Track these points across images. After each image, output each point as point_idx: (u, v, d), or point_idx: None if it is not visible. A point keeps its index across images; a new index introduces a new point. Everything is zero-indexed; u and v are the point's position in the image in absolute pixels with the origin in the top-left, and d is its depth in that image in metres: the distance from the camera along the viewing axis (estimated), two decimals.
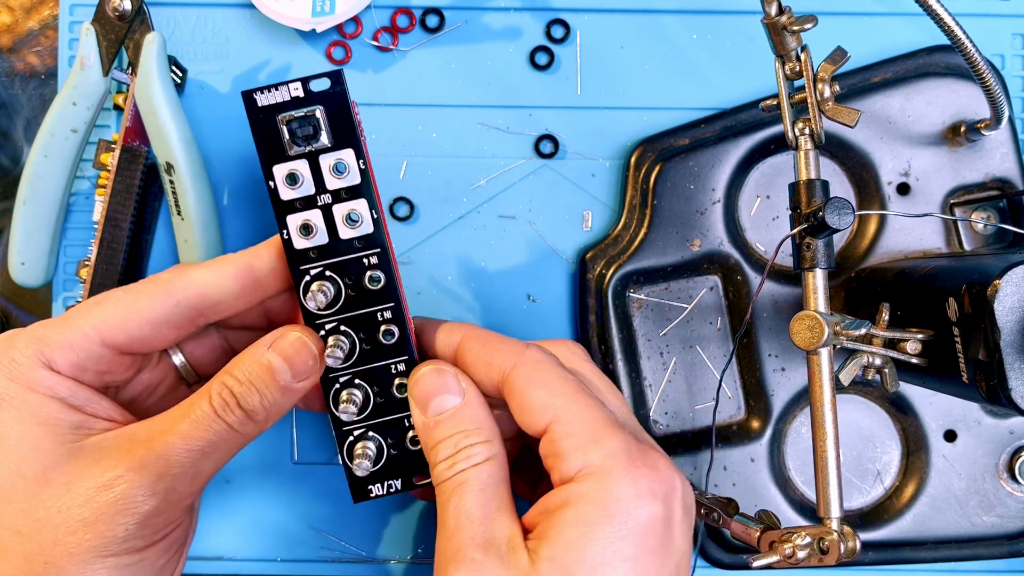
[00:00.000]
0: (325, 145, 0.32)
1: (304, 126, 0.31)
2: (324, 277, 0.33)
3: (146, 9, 0.40)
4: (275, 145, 0.32)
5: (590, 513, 0.29)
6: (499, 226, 0.43)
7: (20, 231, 0.41)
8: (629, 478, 0.29)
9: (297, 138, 0.32)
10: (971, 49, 0.34)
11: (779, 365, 0.42)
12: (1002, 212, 0.42)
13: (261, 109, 0.32)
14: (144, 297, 0.31)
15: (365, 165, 0.32)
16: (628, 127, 0.43)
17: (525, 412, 0.31)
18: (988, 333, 0.31)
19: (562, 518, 0.29)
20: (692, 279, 0.42)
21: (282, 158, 0.32)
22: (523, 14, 0.43)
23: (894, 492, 0.42)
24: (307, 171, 0.32)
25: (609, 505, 0.29)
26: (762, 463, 0.41)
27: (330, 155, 0.32)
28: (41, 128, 0.40)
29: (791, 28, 0.33)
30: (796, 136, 0.34)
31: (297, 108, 0.31)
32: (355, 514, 0.43)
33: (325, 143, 0.32)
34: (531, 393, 0.31)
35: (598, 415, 0.31)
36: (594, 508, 0.29)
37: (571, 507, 0.29)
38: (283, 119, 0.31)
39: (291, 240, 0.32)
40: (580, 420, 0.30)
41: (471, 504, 0.30)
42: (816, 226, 0.32)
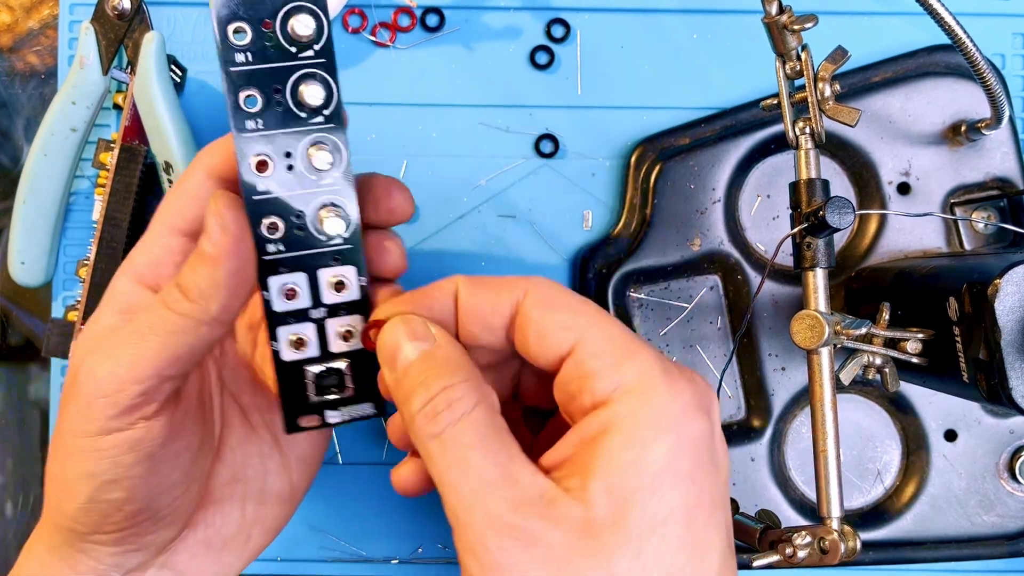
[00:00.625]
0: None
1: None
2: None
3: (145, 8, 0.40)
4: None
5: (640, 433, 0.26)
6: (499, 226, 0.43)
7: (20, 230, 0.41)
8: (672, 391, 0.27)
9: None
10: (971, 49, 0.33)
11: (779, 365, 0.42)
12: (1002, 212, 0.42)
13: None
14: (185, 181, 0.31)
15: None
16: (628, 127, 0.43)
17: (545, 338, 0.28)
18: (988, 332, 0.31)
19: (610, 443, 0.26)
20: (692, 279, 0.42)
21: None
22: (523, 14, 0.43)
23: (894, 492, 0.42)
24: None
25: (659, 421, 0.26)
26: (762, 462, 0.41)
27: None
28: (41, 127, 0.40)
29: (791, 27, 0.33)
30: (796, 135, 0.34)
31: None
32: (355, 514, 0.43)
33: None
34: (550, 316, 0.29)
35: (624, 331, 0.28)
36: (644, 426, 0.26)
37: (618, 430, 0.26)
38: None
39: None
40: (607, 337, 0.28)
41: (479, 463, 0.27)
42: (816, 225, 0.32)
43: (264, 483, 0.35)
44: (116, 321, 0.30)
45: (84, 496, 0.29)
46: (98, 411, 0.28)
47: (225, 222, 0.28)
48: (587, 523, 0.26)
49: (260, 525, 0.35)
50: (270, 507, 0.35)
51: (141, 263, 0.31)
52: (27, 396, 0.44)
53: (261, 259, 0.30)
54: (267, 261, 0.30)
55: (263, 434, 0.35)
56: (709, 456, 0.27)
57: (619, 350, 0.28)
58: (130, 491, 0.29)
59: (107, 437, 0.29)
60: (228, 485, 0.34)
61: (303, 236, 0.30)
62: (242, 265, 0.29)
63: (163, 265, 0.31)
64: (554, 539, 0.26)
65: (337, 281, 0.31)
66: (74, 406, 0.29)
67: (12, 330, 0.44)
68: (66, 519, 0.30)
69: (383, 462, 0.43)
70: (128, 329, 0.29)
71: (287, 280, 0.31)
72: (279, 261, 0.30)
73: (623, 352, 0.28)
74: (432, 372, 0.28)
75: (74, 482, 0.29)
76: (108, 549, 0.31)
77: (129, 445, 0.29)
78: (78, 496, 0.29)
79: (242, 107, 0.29)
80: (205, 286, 0.28)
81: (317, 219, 0.30)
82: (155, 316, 0.29)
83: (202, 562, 0.34)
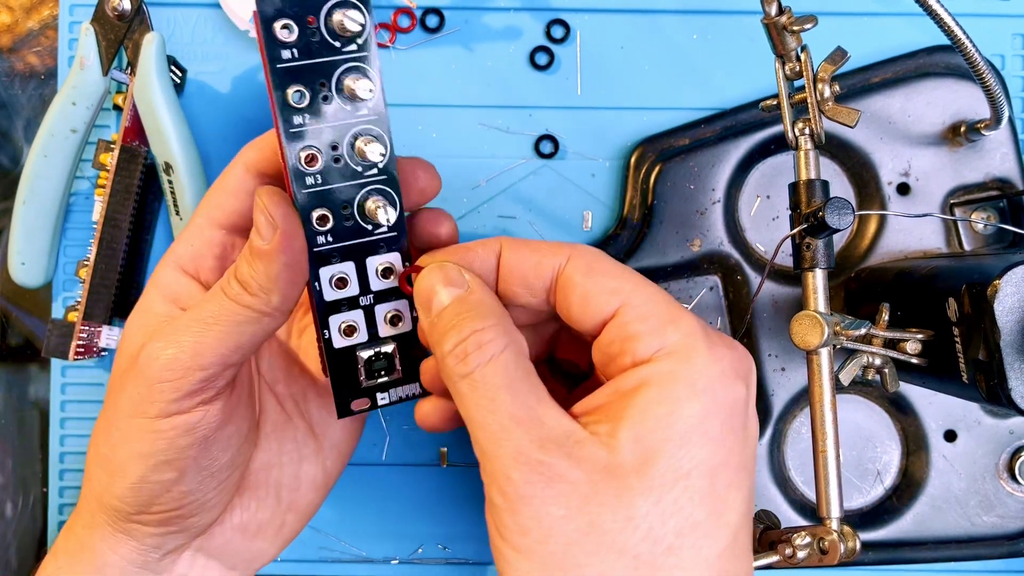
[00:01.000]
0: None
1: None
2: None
3: (145, 9, 0.40)
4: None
5: (677, 390, 0.27)
6: (499, 226, 0.43)
7: (20, 231, 0.41)
8: (713, 356, 0.28)
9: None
10: (971, 49, 0.33)
11: (779, 365, 0.42)
12: (1002, 212, 0.42)
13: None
14: (227, 176, 0.33)
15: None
16: (628, 127, 0.43)
17: (589, 301, 0.29)
18: (988, 333, 0.31)
19: (645, 396, 0.27)
20: (692, 279, 0.42)
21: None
22: (523, 14, 0.43)
23: (894, 492, 0.42)
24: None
25: (697, 382, 0.27)
26: (762, 463, 0.41)
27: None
28: (41, 128, 0.40)
29: (791, 28, 0.33)
30: (796, 136, 0.34)
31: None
32: (355, 514, 0.43)
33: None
34: (595, 280, 0.29)
35: (668, 299, 0.29)
36: (681, 385, 0.27)
37: (655, 385, 0.27)
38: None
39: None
40: (652, 303, 0.28)
41: (507, 402, 0.27)
42: (816, 226, 0.32)
43: (299, 469, 0.36)
44: (168, 309, 0.32)
45: (136, 476, 0.30)
46: (160, 395, 0.30)
47: (275, 218, 0.29)
48: (611, 466, 0.27)
49: (294, 511, 0.36)
50: (304, 493, 0.36)
51: (184, 254, 0.33)
52: (27, 396, 0.44)
53: (312, 251, 0.31)
54: (318, 252, 0.31)
55: (298, 422, 0.36)
56: (741, 422, 0.28)
57: (664, 315, 0.28)
58: (181, 472, 0.31)
59: (166, 419, 0.30)
60: (264, 471, 0.35)
61: (351, 226, 0.31)
62: (297, 258, 0.30)
63: (204, 257, 0.33)
64: (576, 477, 0.27)
65: (385, 268, 0.32)
66: (134, 389, 0.30)
67: (12, 330, 0.44)
68: (113, 499, 0.31)
69: (383, 463, 0.43)
70: (190, 318, 0.30)
71: (337, 270, 0.32)
72: (330, 252, 0.31)
73: (667, 317, 0.28)
74: (464, 315, 0.29)
75: (126, 462, 0.30)
76: (151, 530, 0.32)
77: (186, 428, 0.30)
78: (130, 475, 0.31)
79: (290, 103, 0.29)
80: (263, 280, 0.29)
81: (364, 209, 0.31)
82: (218, 306, 0.30)
83: (236, 547, 0.35)
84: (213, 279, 0.33)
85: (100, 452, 0.32)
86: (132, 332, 0.32)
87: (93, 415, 0.43)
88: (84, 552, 0.33)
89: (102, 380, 0.43)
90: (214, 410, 0.31)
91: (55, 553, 0.34)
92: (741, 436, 0.28)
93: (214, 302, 0.30)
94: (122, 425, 0.30)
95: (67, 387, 0.43)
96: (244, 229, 0.34)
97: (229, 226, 0.33)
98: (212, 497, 0.32)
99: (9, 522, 0.44)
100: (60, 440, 0.43)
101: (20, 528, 0.44)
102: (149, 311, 0.32)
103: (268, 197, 0.29)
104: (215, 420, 0.31)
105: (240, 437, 0.33)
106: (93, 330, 0.41)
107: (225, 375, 0.30)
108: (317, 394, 0.37)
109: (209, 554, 0.34)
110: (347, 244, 0.31)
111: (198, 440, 0.30)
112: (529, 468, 0.27)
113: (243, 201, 0.33)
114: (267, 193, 0.30)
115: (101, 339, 0.41)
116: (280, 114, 0.29)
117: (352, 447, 0.38)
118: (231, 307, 0.30)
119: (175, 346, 0.29)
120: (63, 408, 0.43)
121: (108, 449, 0.31)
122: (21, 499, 0.44)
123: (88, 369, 0.43)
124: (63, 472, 0.43)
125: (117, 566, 0.32)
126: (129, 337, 0.32)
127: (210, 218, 0.33)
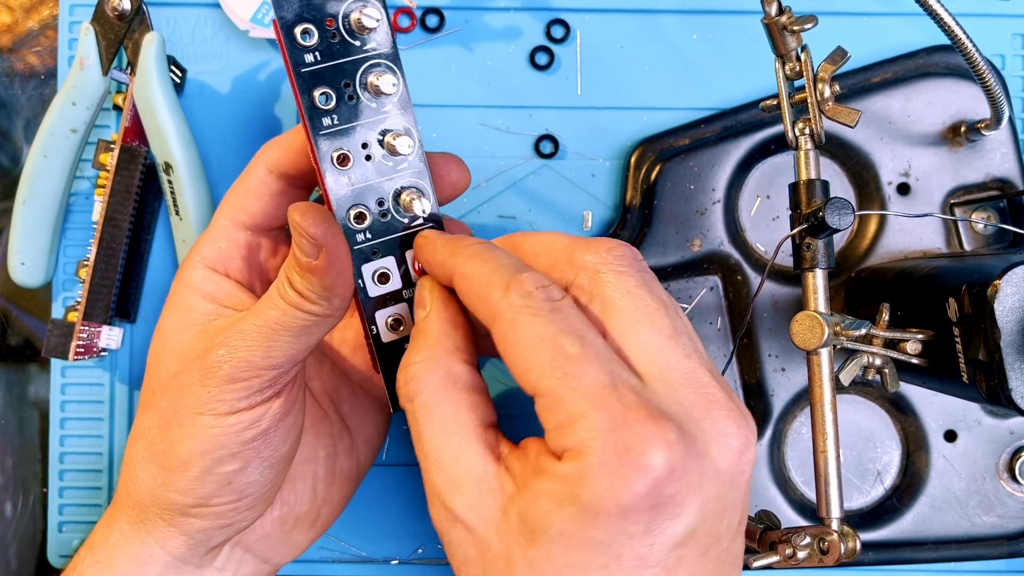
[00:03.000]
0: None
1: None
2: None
3: (145, 9, 0.40)
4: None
5: (561, 494, 0.25)
6: (499, 226, 0.43)
7: (20, 231, 0.41)
8: (606, 471, 0.24)
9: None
10: (971, 49, 0.33)
11: (779, 365, 0.42)
12: (1002, 212, 0.42)
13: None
14: (248, 176, 0.33)
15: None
16: (628, 127, 0.43)
17: (513, 373, 0.27)
18: (988, 333, 0.31)
19: (542, 486, 0.26)
20: (692, 279, 0.42)
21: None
22: (523, 14, 0.43)
23: (894, 492, 0.42)
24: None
25: (580, 495, 0.25)
26: (762, 463, 0.41)
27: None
28: (40, 128, 0.40)
29: (791, 28, 0.33)
30: (796, 136, 0.34)
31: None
32: (355, 514, 0.43)
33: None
34: (508, 357, 0.27)
35: (584, 384, 0.25)
36: (566, 493, 0.25)
37: (547, 478, 0.26)
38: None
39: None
40: (557, 393, 0.26)
41: (428, 443, 0.28)
42: (816, 226, 0.32)
43: (334, 463, 0.37)
44: (211, 307, 0.33)
45: (201, 468, 0.31)
46: (233, 393, 0.30)
47: (317, 238, 0.29)
48: (501, 531, 0.27)
49: (329, 504, 0.37)
50: (339, 486, 0.37)
51: (211, 255, 0.34)
52: (27, 396, 0.44)
53: (352, 249, 0.31)
54: (358, 250, 0.32)
55: (333, 417, 0.37)
56: (635, 563, 0.25)
57: (566, 411, 0.25)
58: (245, 463, 0.32)
59: (234, 415, 0.31)
60: (302, 465, 0.36)
61: (388, 221, 0.32)
62: (345, 265, 0.30)
63: (232, 259, 0.34)
64: (474, 527, 0.27)
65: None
66: (203, 388, 0.31)
67: (12, 330, 0.44)
68: (173, 492, 0.32)
69: (383, 463, 0.43)
70: (255, 325, 0.31)
71: (378, 265, 0.32)
72: (370, 248, 0.32)
73: (567, 416, 0.25)
74: (414, 343, 0.30)
75: (190, 456, 0.31)
76: (205, 524, 0.33)
77: (251, 421, 0.31)
78: (194, 468, 0.31)
79: (318, 105, 0.30)
80: (319, 290, 0.30)
81: (399, 202, 0.32)
82: (282, 313, 0.30)
83: (273, 540, 0.36)
84: (244, 278, 0.34)
85: (155, 449, 0.32)
86: (175, 331, 0.33)
87: (93, 415, 0.43)
88: (126, 546, 0.33)
89: (102, 380, 0.43)
90: (277, 403, 0.32)
91: (91, 547, 0.34)
92: (635, 543, 0.25)
93: (276, 308, 0.30)
94: (186, 422, 0.31)
95: (67, 387, 0.43)
96: (269, 229, 0.34)
97: (254, 227, 0.34)
98: (268, 488, 0.33)
99: (9, 522, 0.44)
100: (60, 440, 0.43)
101: (20, 528, 0.44)
102: (192, 310, 0.33)
103: (303, 217, 0.29)
104: (279, 412, 0.32)
105: (298, 427, 0.33)
106: (93, 330, 0.41)
107: (292, 371, 0.31)
108: (350, 390, 0.38)
109: (246, 548, 0.35)
110: (386, 239, 0.32)
111: (262, 432, 0.31)
112: (440, 505, 0.28)
113: (267, 202, 0.33)
114: (301, 213, 0.29)
115: (101, 339, 0.41)
116: (309, 118, 0.30)
117: (382, 441, 0.39)
118: (294, 314, 0.30)
119: (246, 349, 0.30)
120: (63, 408, 0.43)
121: (166, 445, 0.32)
122: (21, 499, 0.44)
123: (88, 369, 0.43)
124: (63, 472, 0.43)
125: (160, 562, 0.33)
126: (172, 337, 0.33)
127: (234, 219, 0.34)
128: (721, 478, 0.26)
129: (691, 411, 0.26)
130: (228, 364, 0.30)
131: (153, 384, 0.33)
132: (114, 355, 0.43)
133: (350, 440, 0.37)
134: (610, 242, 0.29)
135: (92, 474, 0.43)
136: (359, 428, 0.38)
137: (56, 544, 0.43)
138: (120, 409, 0.43)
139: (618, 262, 0.28)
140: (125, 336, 0.43)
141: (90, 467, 0.43)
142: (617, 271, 0.28)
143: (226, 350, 0.30)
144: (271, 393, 0.31)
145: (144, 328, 0.43)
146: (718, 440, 0.26)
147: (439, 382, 0.29)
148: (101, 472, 0.43)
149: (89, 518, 0.43)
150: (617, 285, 0.28)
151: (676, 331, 0.27)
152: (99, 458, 0.43)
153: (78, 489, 0.43)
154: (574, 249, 0.29)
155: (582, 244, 0.29)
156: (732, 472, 0.26)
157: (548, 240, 0.30)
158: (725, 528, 0.26)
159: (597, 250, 0.29)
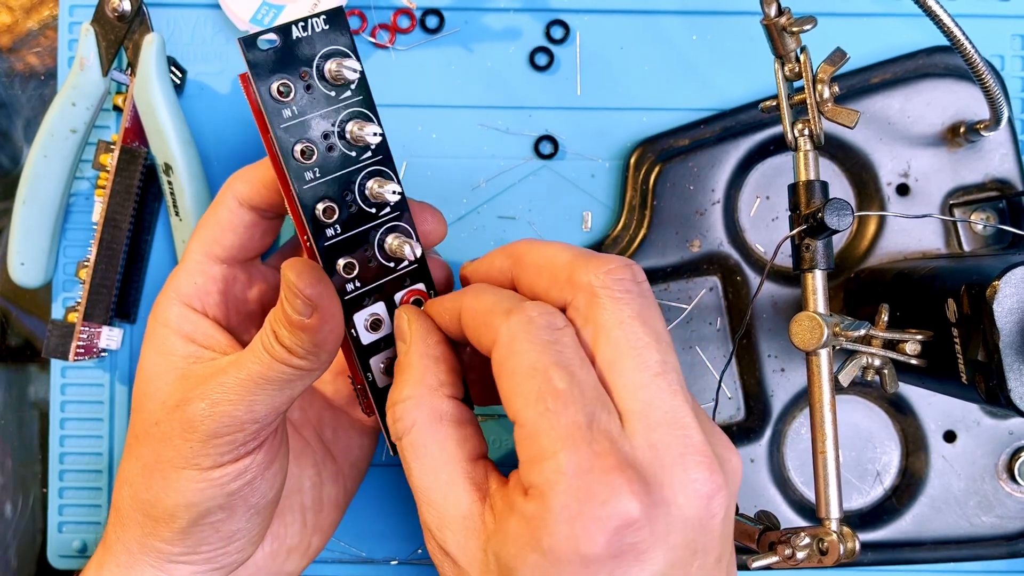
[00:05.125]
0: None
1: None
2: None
3: (145, 10, 0.40)
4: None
5: (524, 536, 0.26)
6: (499, 227, 0.43)
7: (20, 231, 0.41)
8: (566, 516, 0.24)
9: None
10: (970, 50, 0.34)
11: (779, 366, 0.42)
12: (1001, 213, 0.42)
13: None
14: (218, 209, 0.33)
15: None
16: (628, 127, 0.43)
17: (504, 403, 0.28)
18: (987, 334, 0.31)
19: (511, 525, 0.26)
20: (692, 279, 0.42)
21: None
22: (523, 15, 0.43)
23: (894, 492, 0.42)
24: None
25: (542, 542, 0.25)
26: (761, 463, 0.41)
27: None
28: (40, 128, 0.40)
29: (790, 29, 0.33)
30: (795, 137, 0.34)
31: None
32: (355, 514, 0.43)
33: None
34: (500, 381, 0.27)
35: (561, 422, 0.25)
36: (528, 538, 0.25)
37: (515, 518, 0.26)
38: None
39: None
40: (535, 426, 0.26)
41: (418, 481, 0.29)
42: (815, 227, 0.32)
43: (321, 492, 0.36)
44: (191, 349, 0.32)
45: (186, 521, 0.31)
46: (215, 448, 0.30)
47: (312, 298, 0.29)
48: (483, 570, 0.27)
49: (319, 532, 0.37)
50: (327, 514, 0.37)
51: (187, 291, 0.33)
52: (27, 397, 0.44)
53: (343, 299, 0.31)
54: (349, 300, 0.31)
55: (315, 446, 0.37)
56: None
57: (537, 447, 0.26)
58: (231, 512, 0.31)
59: (218, 469, 0.31)
60: (288, 498, 0.35)
61: (375, 267, 0.31)
62: (338, 322, 0.30)
63: (209, 293, 0.33)
64: (462, 562, 0.28)
65: (415, 300, 0.33)
66: (185, 443, 0.30)
67: (12, 330, 0.44)
68: (160, 542, 0.32)
69: (383, 463, 0.43)
70: (238, 378, 0.30)
71: (369, 312, 0.32)
72: (360, 296, 0.32)
73: (538, 452, 0.26)
74: (398, 379, 0.30)
75: (175, 509, 0.31)
76: (193, 569, 0.32)
77: (237, 474, 0.31)
78: (179, 521, 0.31)
79: (299, 160, 0.29)
80: (309, 346, 0.29)
81: (387, 248, 0.31)
82: (267, 367, 0.30)
83: (266, 573, 0.35)
84: (220, 313, 0.34)
85: (141, 498, 0.32)
86: (156, 374, 0.32)
87: (93, 415, 0.43)
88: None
89: (102, 381, 0.43)
90: (262, 453, 0.31)
91: None
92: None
93: (260, 363, 0.30)
94: (169, 475, 0.31)
95: (67, 387, 0.43)
96: (243, 261, 0.34)
97: (228, 259, 0.34)
98: (257, 531, 0.33)
99: (9, 522, 0.44)
100: (60, 440, 0.43)
101: (20, 528, 0.44)
102: (172, 353, 0.32)
103: (299, 278, 0.29)
104: (264, 461, 0.31)
105: (284, 471, 0.33)
106: (93, 330, 0.41)
107: (275, 423, 0.31)
108: (332, 415, 0.37)
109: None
110: (375, 285, 0.32)
111: (248, 483, 0.31)
112: (432, 539, 0.28)
113: (240, 235, 0.33)
114: (297, 273, 0.29)
115: (101, 339, 0.41)
116: (292, 173, 0.29)
117: (368, 463, 0.39)
118: (280, 368, 0.30)
119: (228, 403, 0.30)
120: (63, 408, 0.43)
121: (151, 496, 0.31)
122: (21, 499, 0.44)
123: (88, 369, 0.43)
124: (63, 472, 0.43)
125: None
126: (155, 380, 0.32)
127: (209, 254, 0.33)
128: (689, 524, 0.26)
129: (663, 456, 0.26)
130: (210, 419, 0.30)
131: (136, 429, 0.33)
132: (114, 355, 0.43)
133: (335, 466, 0.37)
134: (612, 262, 0.28)
135: (92, 474, 0.43)
136: (344, 452, 0.37)
137: (56, 544, 0.43)
138: (120, 409, 0.43)
139: (616, 286, 0.28)
140: (125, 337, 0.43)
141: (90, 467, 0.43)
142: (614, 297, 0.28)
143: (207, 403, 0.30)
144: (254, 445, 0.31)
145: (144, 329, 0.43)
146: (686, 487, 0.26)
147: (425, 419, 0.29)
148: (101, 472, 0.43)
149: (89, 518, 0.43)
150: (612, 313, 0.27)
151: (664, 368, 0.27)
152: (99, 458, 0.43)
153: (78, 489, 0.43)
154: (575, 267, 0.28)
155: (583, 262, 0.28)
156: (701, 517, 0.26)
157: (551, 253, 0.30)
158: (697, 570, 0.26)
159: (597, 271, 0.28)
